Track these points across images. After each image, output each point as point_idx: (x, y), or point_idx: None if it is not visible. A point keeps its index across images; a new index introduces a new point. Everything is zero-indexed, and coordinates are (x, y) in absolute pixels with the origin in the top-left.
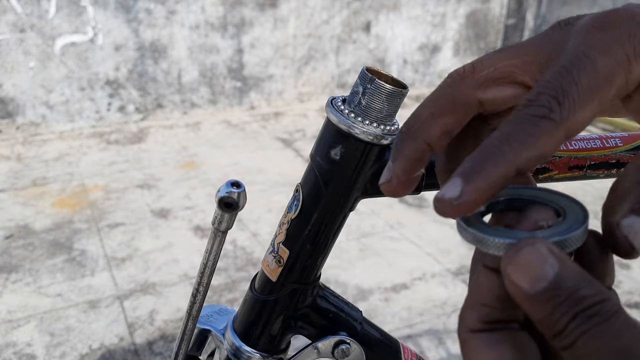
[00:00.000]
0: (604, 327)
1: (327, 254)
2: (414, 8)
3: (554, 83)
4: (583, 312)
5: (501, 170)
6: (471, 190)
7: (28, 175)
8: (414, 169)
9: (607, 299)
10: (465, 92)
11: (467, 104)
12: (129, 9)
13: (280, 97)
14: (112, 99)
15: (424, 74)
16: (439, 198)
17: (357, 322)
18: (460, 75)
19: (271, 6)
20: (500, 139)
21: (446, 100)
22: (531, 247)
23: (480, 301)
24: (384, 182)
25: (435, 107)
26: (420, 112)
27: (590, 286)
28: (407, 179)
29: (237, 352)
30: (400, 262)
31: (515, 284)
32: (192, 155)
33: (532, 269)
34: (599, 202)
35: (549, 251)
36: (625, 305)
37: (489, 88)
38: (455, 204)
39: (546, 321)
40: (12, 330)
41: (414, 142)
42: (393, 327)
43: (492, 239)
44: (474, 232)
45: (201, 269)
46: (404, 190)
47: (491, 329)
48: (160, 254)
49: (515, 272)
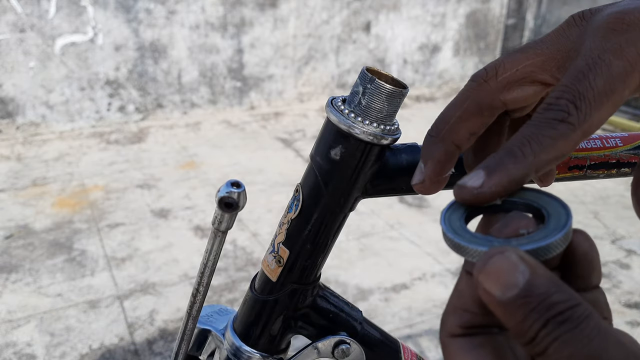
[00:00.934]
0: (574, 333)
1: (327, 254)
2: (414, 8)
3: (571, 87)
4: (554, 318)
5: (521, 169)
6: (491, 184)
7: (28, 175)
8: (445, 169)
9: (578, 305)
10: (490, 95)
11: (492, 106)
12: (129, 9)
13: (280, 97)
14: (112, 99)
15: (424, 74)
16: (461, 185)
17: (357, 322)
18: (483, 79)
19: (271, 6)
20: (522, 141)
21: (472, 104)
22: (501, 255)
23: (460, 306)
24: (417, 183)
25: (462, 111)
26: (447, 116)
27: (562, 292)
28: (438, 179)
29: (237, 352)
30: (400, 262)
31: (487, 291)
32: (192, 155)
33: (502, 277)
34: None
35: (520, 259)
36: (625, 305)
37: (512, 89)
38: (474, 192)
39: (518, 328)
40: (12, 330)
41: (443, 145)
42: (393, 327)
43: (468, 246)
44: (453, 238)
45: (201, 269)
46: (437, 188)
47: (471, 334)
48: (160, 254)
49: (487, 279)
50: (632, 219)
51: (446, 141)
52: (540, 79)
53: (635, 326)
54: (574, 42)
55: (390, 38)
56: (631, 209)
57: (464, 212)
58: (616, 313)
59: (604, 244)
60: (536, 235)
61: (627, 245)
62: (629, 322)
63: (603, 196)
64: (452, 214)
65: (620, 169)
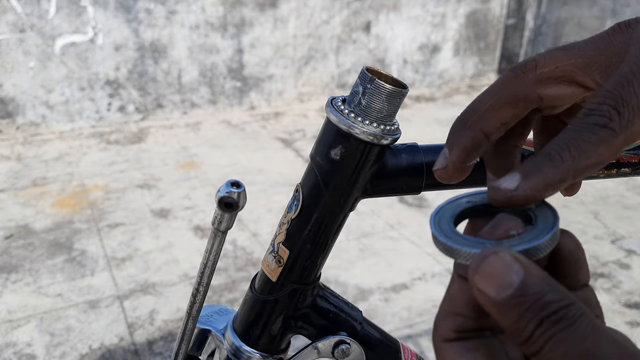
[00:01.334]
0: (569, 331)
1: (327, 254)
2: (414, 8)
3: (614, 93)
4: (549, 317)
5: (558, 174)
6: (527, 187)
7: (28, 175)
8: (470, 157)
9: (572, 303)
10: (527, 87)
11: (527, 99)
12: (129, 9)
13: (280, 97)
14: (112, 99)
15: (424, 74)
16: (495, 186)
17: (357, 322)
18: (522, 70)
19: (271, 6)
20: (561, 146)
21: (507, 94)
22: (495, 255)
23: (454, 310)
24: (440, 169)
25: (495, 100)
26: (480, 103)
27: (556, 291)
28: (462, 166)
29: (237, 352)
30: (400, 262)
31: (482, 292)
32: (192, 155)
33: (497, 277)
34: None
35: (514, 259)
36: (625, 305)
37: (549, 85)
38: (508, 195)
39: (514, 328)
40: (12, 330)
41: (471, 132)
42: (393, 327)
43: (461, 248)
44: (444, 241)
45: (201, 269)
46: (458, 177)
47: (465, 338)
48: (160, 254)
49: (482, 280)
50: (632, 219)
51: (475, 129)
52: (580, 81)
53: (635, 326)
54: (618, 49)
55: (390, 38)
56: (631, 209)
57: (452, 216)
58: (616, 313)
59: (604, 244)
60: (526, 236)
61: (627, 245)
62: (628, 322)
63: (603, 196)
64: (441, 217)
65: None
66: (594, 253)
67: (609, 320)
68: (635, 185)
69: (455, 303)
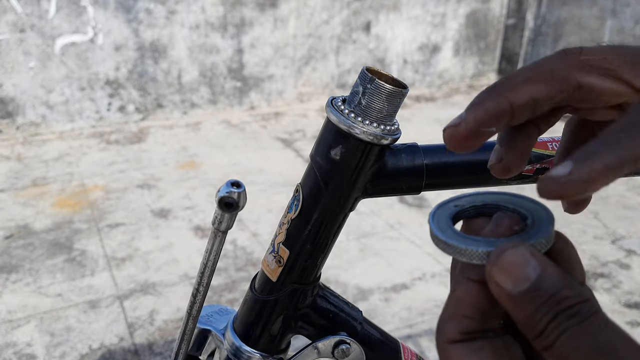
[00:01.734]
0: (583, 326)
1: (327, 254)
2: (414, 8)
3: None
4: (564, 312)
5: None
6: (583, 172)
7: (28, 175)
8: (487, 122)
9: (587, 300)
10: (568, 68)
11: (565, 80)
12: (129, 9)
13: (280, 97)
14: (112, 99)
15: (424, 74)
16: (545, 177)
17: (357, 322)
18: (567, 52)
19: (271, 6)
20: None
21: (546, 68)
22: (514, 249)
23: (460, 313)
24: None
25: (532, 73)
26: (516, 75)
27: (571, 288)
28: (475, 129)
29: (237, 352)
30: (400, 262)
31: (499, 285)
32: (192, 155)
33: (515, 271)
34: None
35: (531, 254)
36: (625, 305)
37: (592, 74)
38: (562, 181)
39: (528, 321)
40: (12, 330)
41: (497, 97)
42: (393, 327)
43: (474, 249)
44: (455, 244)
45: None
46: (466, 141)
47: (470, 339)
48: (160, 254)
49: (499, 273)
50: (632, 219)
51: (502, 95)
52: (626, 78)
53: (635, 326)
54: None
55: (390, 38)
56: (631, 209)
57: (448, 219)
58: (616, 313)
59: (604, 244)
60: (530, 231)
61: (627, 245)
62: (629, 322)
63: (603, 196)
64: (439, 221)
65: None
66: (594, 253)
67: None
68: (635, 185)
69: (461, 305)
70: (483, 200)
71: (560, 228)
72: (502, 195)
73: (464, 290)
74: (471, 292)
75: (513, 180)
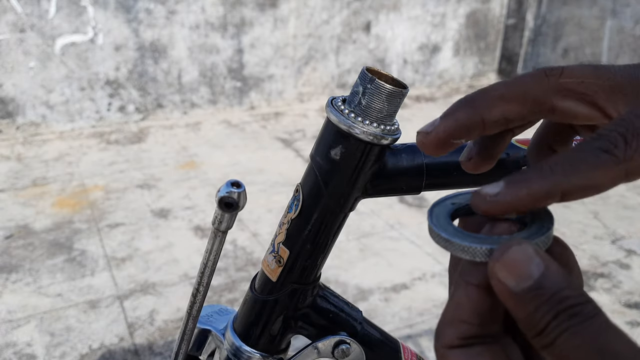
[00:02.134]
0: (584, 326)
1: (327, 254)
2: (414, 8)
3: (627, 121)
4: (565, 311)
5: (545, 186)
6: (509, 194)
7: (28, 175)
8: (457, 133)
9: (588, 301)
10: (545, 90)
11: (539, 103)
12: (129, 9)
13: (280, 97)
14: (112, 99)
15: (424, 74)
16: (476, 191)
17: (357, 322)
18: (546, 72)
19: (271, 6)
20: (555, 160)
21: (521, 89)
22: (519, 246)
23: (459, 318)
24: (422, 132)
25: (507, 91)
26: (490, 90)
27: (573, 288)
28: (445, 139)
29: (237, 352)
30: (400, 262)
31: (502, 281)
32: (192, 155)
33: (518, 268)
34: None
35: (535, 252)
36: (625, 305)
37: (568, 98)
38: (488, 199)
39: (529, 320)
40: (12, 330)
41: (471, 110)
42: (393, 327)
43: (478, 246)
44: (458, 242)
45: (201, 269)
46: (435, 149)
47: (468, 344)
48: (160, 254)
49: (502, 270)
50: (632, 219)
51: (476, 110)
52: (601, 105)
53: (635, 326)
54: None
55: (390, 38)
56: (631, 209)
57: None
58: (616, 313)
59: (604, 244)
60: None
61: (627, 245)
62: (629, 322)
63: (603, 196)
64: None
65: None
66: (594, 253)
67: None
68: (635, 185)
69: (460, 310)
70: None
71: (560, 228)
72: None
73: (463, 294)
74: (470, 297)
75: None
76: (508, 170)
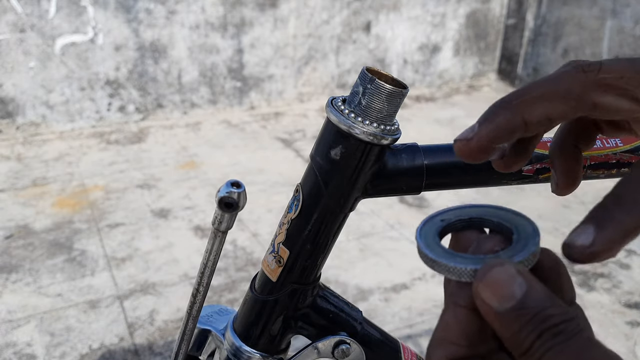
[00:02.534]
0: (567, 344)
1: (327, 254)
2: (414, 8)
3: None
4: (549, 330)
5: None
6: (604, 241)
7: (28, 175)
8: (499, 138)
9: (571, 319)
10: (584, 87)
11: (581, 100)
12: (129, 9)
13: (280, 97)
14: (112, 99)
15: (424, 74)
16: (569, 244)
17: (357, 322)
18: (583, 68)
19: (271, 6)
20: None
21: (562, 87)
22: (501, 267)
23: (447, 339)
24: (462, 139)
25: (547, 89)
26: (530, 89)
27: (557, 306)
28: (487, 145)
29: (237, 352)
30: (400, 262)
31: (486, 302)
32: (192, 155)
33: (500, 288)
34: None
35: (517, 272)
36: (625, 305)
37: (607, 93)
38: (586, 252)
39: (514, 339)
40: (12, 330)
41: (510, 113)
42: (393, 327)
43: (462, 267)
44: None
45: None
46: (476, 155)
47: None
48: (160, 254)
49: (485, 290)
50: None
51: (516, 112)
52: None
53: (635, 326)
54: None
55: (390, 38)
56: None
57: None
58: (616, 313)
59: None
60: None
61: (627, 245)
62: (629, 322)
63: (603, 196)
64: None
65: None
66: None
67: (609, 320)
68: None
69: (448, 331)
70: (469, 214)
71: (560, 228)
72: (487, 209)
73: (452, 315)
74: (458, 318)
75: (513, 181)
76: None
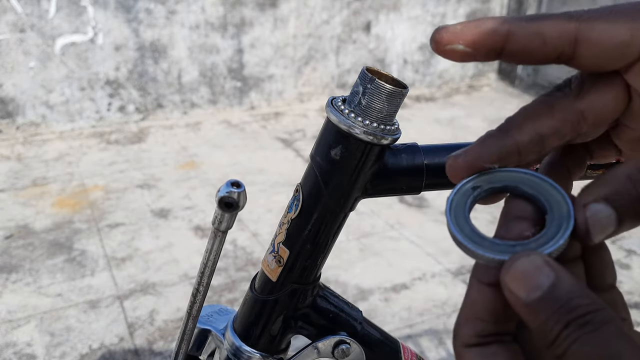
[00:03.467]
0: (593, 335)
1: (327, 254)
2: (414, 8)
3: None
4: (575, 320)
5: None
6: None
7: (28, 175)
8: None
9: (600, 309)
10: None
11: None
12: (129, 9)
13: (280, 97)
14: (112, 99)
15: (424, 74)
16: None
17: (357, 322)
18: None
19: (271, 6)
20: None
21: (542, 104)
22: (527, 258)
23: (474, 315)
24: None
25: (531, 106)
26: (517, 112)
27: (584, 296)
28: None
29: (237, 352)
30: (400, 262)
31: (513, 292)
32: (192, 155)
33: (528, 279)
34: None
35: (544, 262)
36: None
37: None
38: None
39: (541, 329)
40: (12, 330)
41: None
42: (393, 327)
43: (490, 256)
44: (472, 249)
45: (201, 269)
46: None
47: (485, 343)
48: (160, 254)
49: (512, 281)
50: None
51: (507, 135)
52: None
53: (636, 326)
54: None
55: (390, 38)
56: None
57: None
58: None
59: None
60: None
61: (627, 245)
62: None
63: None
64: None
65: None
66: None
67: None
68: None
69: (475, 308)
70: (502, 180)
71: None
72: (521, 175)
73: (477, 293)
74: (484, 295)
75: None
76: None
